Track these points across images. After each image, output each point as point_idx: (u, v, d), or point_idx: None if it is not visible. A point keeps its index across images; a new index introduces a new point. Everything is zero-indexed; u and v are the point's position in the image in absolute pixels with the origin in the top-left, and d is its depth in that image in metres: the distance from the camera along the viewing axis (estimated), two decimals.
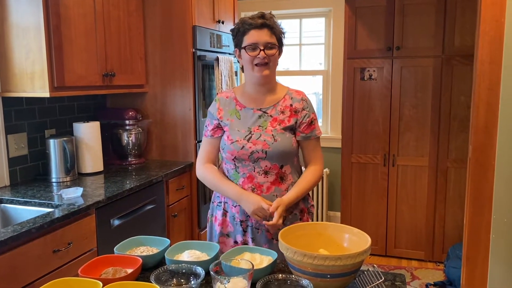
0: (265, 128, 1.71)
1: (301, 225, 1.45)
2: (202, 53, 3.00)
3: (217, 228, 1.80)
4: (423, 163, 3.48)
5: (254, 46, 1.66)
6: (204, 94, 3.10)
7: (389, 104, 3.50)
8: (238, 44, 1.72)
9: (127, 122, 2.92)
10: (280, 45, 1.72)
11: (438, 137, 3.42)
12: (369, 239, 1.29)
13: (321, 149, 1.82)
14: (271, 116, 1.73)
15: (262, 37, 1.65)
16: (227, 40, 3.42)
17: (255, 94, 1.76)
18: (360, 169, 3.66)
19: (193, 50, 2.93)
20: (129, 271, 1.30)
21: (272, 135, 1.69)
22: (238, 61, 1.78)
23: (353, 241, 1.36)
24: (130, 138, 2.92)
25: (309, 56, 4.40)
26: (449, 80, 3.34)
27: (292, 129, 1.74)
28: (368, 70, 3.53)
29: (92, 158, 2.65)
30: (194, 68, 2.95)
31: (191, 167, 3.00)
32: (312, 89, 4.42)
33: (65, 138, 2.49)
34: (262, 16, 1.68)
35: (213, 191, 1.84)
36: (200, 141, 3.04)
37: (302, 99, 1.77)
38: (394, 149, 3.54)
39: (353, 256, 1.18)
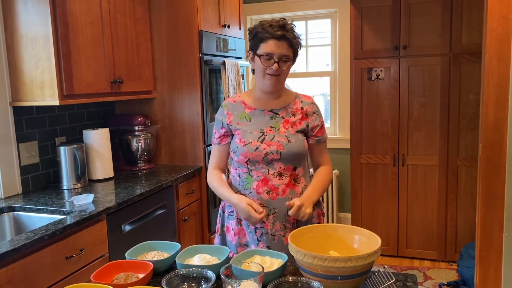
0: (278, 129, 1.70)
1: (310, 227, 1.45)
2: (209, 57, 3.02)
3: (232, 239, 1.78)
4: (433, 162, 3.46)
5: (269, 57, 1.64)
6: (212, 99, 3.11)
7: (398, 103, 3.49)
8: (253, 48, 1.69)
9: (136, 128, 2.95)
10: (295, 55, 1.70)
11: (447, 135, 3.39)
12: (379, 240, 1.28)
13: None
14: (282, 117, 1.73)
15: (279, 49, 1.63)
16: (234, 44, 3.43)
17: (264, 97, 1.76)
18: (369, 169, 3.65)
19: (200, 55, 2.95)
20: (141, 276, 1.31)
21: (286, 136, 1.69)
22: (250, 63, 1.76)
23: (363, 242, 1.36)
24: (140, 144, 2.94)
25: (315, 58, 4.40)
26: (457, 78, 3.31)
27: (303, 132, 1.74)
28: (375, 70, 3.52)
29: (102, 165, 2.68)
30: (201, 73, 2.96)
31: (200, 171, 3.01)
32: (320, 90, 4.42)
33: (75, 146, 2.52)
34: (283, 26, 1.64)
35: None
36: (209, 145, 3.06)
37: (312, 103, 1.80)
38: (404, 148, 3.52)
39: (363, 257, 1.17)
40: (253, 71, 1.77)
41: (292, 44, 1.66)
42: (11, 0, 2.24)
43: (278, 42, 1.63)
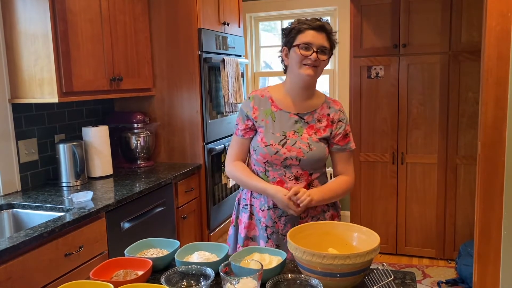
0: (301, 135, 1.68)
1: (309, 225, 1.45)
2: (208, 55, 3.02)
3: (241, 231, 1.77)
4: (432, 160, 3.46)
5: (308, 46, 1.61)
6: (211, 96, 3.11)
7: (397, 102, 3.49)
8: (289, 42, 1.66)
9: (135, 125, 2.95)
10: (331, 50, 1.67)
11: (446, 134, 3.39)
12: (378, 237, 1.29)
13: (353, 162, 1.81)
14: (307, 122, 1.70)
15: (318, 39, 1.61)
16: (233, 42, 3.43)
17: (293, 97, 1.72)
18: (369, 167, 3.65)
19: (199, 53, 2.95)
20: (140, 273, 1.32)
21: (308, 143, 1.66)
22: (283, 61, 1.72)
23: (362, 239, 1.36)
24: (139, 141, 2.94)
25: None
26: (457, 77, 3.31)
27: (326, 139, 1.72)
28: (375, 68, 3.52)
29: (102, 162, 2.68)
30: (200, 71, 2.96)
31: (199, 169, 3.01)
32: (319, 88, 4.40)
33: (74, 143, 2.52)
34: (319, 19, 1.64)
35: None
36: (208, 143, 3.06)
37: (340, 110, 1.76)
38: (403, 147, 3.52)
39: (362, 255, 1.17)
40: (284, 70, 1.74)
41: (330, 37, 1.65)
42: None
43: (316, 33, 1.61)
